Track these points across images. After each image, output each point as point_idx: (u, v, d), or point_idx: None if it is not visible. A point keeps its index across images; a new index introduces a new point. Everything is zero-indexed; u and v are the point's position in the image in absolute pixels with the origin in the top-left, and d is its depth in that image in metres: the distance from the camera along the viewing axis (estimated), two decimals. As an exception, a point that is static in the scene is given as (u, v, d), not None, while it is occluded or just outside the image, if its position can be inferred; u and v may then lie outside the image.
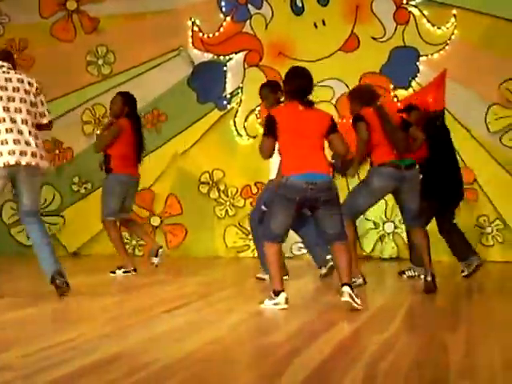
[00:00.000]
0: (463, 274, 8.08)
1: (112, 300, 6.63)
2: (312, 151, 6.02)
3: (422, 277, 7.78)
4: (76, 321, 5.47)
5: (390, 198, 9.93)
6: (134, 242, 10.72)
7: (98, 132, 8.49)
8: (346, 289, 5.87)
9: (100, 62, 10.95)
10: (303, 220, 7.42)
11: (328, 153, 10.32)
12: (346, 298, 5.86)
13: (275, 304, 5.93)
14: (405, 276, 8.14)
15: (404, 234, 10.00)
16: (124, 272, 8.23)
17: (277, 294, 5.96)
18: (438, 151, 8.03)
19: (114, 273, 8.23)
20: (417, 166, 7.11)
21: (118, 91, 8.88)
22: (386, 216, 10.10)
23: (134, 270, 8.28)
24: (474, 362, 4.20)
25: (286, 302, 5.94)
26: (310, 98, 6.21)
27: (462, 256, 8.12)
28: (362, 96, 7.36)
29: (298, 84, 6.17)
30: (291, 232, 10.24)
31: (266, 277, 7.52)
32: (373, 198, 7.14)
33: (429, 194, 7.91)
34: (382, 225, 10.13)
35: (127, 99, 8.43)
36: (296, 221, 7.21)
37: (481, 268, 7.96)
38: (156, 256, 8.40)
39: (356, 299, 5.87)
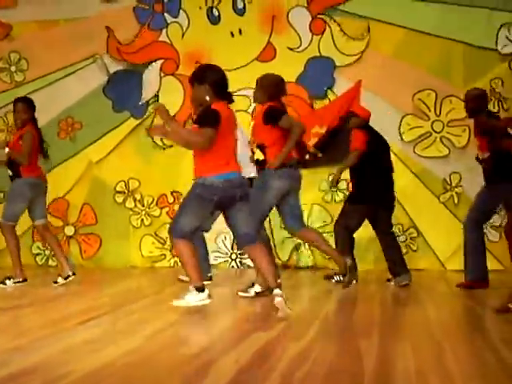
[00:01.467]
0: (388, 282, 8.24)
1: (25, 312, 6.50)
2: (231, 151, 6.08)
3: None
4: (-13, 333, 5.34)
5: (310, 208, 10.02)
6: (47, 252, 10.54)
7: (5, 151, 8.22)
8: (278, 291, 5.92)
9: (13, 68, 10.75)
10: None
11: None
12: (279, 299, 5.89)
13: (200, 300, 5.97)
14: (333, 281, 8.20)
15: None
16: (14, 283, 8.00)
17: (200, 290, 5.98)
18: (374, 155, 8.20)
19: (3, 283, 7.99)
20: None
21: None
22: (302, 225, 10.14)
23: (25, 280, 8.06)
24: (389, 367, 4.24)
25: (209, 297, 6.01)
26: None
27: (395, 271, 8.23)
28: (271, 86, 7.15)
29: (227, 85, 6.26)
30: (208, 241, 10.24)
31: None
32: (275, 199, 7.05)
33: (365, 197, 8.09)
34: (298, 234, 10.17)
35: (31, 103, 8.34)
36: None
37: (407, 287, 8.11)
38: (65, 279, 8.13)
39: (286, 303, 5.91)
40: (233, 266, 10.24)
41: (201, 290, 5.98)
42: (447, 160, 9.96)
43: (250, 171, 7.38)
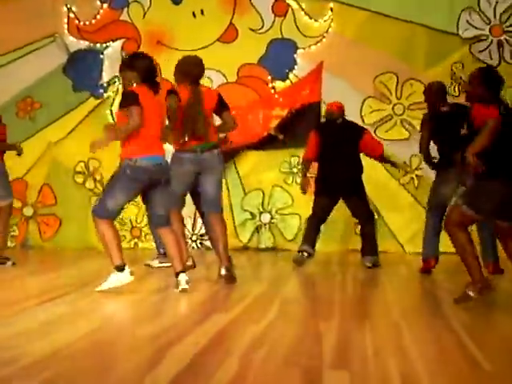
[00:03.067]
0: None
1: (-19, 292, 6.42)
2: (156, 134, 6.27)
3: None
4: None
5: (271, 189, 10.03)
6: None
7: None
8: (183, 277, 6.17)
9: (-31, 46, 10.58)
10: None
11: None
12: (184, 286, 6.14)
13: (121, 280, 6.12)
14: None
15: (281, 225, 10.10)
16: None
17: (120, 269, 6.11)
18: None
19: None
20: (216, 150, 7.01)
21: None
22: (262, 206, 10.14)
23: None
24: (347, 350, 4.25)
25: (132, 274, 6.17)
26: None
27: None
28: (189, 71, 7.05)
29: (154, 73, 6.43)
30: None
31: (154, 263, 7.89)
32: (181, 184, 6.93)
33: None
34: (258, 215, 10.16)
35: None
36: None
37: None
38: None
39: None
40: (193, 247, 10.19)
41: (121, 269, 6.12)
42: (408, 143, 9.98)
43: None
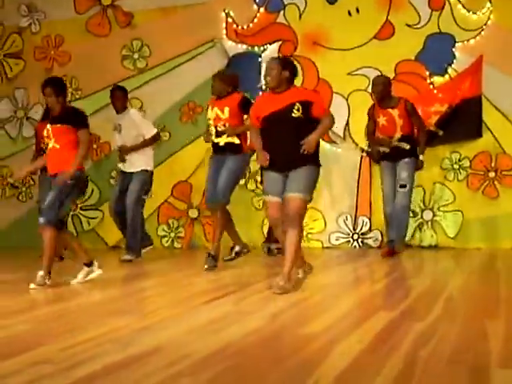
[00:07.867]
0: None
1: (152, 292, 6.67)
2: None
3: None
4: (115, 313, 5.49)
5: (432, 187, 9.89)
6: (172, 235, 10.78)
7: None
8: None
9: (135, 56, 10.99)
10: None
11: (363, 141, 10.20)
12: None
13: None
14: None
15: (443, 222, 9.95)
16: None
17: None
18: None
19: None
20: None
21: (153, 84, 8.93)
22: (424, 204, 10.02)
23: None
24: (516, 349, 4.16)
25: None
26: None
27: None
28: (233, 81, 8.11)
29: None
30: (329, 221, 10.23)
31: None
32: None
33: None
34: (420, 213, 10.05)
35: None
36: None
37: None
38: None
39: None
40: (355, 247, 10.20)
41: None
42: None
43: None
